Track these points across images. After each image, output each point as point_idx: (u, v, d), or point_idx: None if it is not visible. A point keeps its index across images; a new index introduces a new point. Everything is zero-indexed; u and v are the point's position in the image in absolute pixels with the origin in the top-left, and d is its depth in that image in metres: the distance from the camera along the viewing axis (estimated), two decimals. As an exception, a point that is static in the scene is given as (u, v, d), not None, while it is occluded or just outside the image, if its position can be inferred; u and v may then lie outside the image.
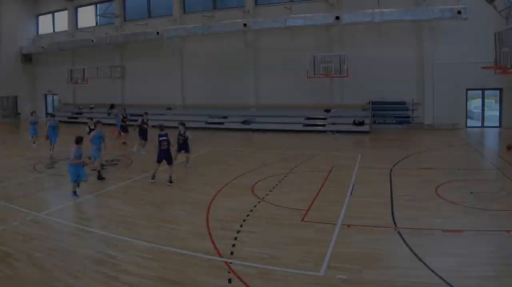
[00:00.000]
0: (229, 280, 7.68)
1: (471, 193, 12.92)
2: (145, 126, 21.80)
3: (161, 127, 15.52)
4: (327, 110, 30.91)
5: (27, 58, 44.72)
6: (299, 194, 13.40)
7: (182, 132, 17.51)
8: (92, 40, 37.61)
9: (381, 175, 15.84)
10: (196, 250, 9.04)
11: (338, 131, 28.57)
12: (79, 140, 13.26)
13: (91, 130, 18.02)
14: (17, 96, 43.94)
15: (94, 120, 19.02)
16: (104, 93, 40.79)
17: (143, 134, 21.74)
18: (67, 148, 13.76)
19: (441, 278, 7.40)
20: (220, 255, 8.79)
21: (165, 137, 15.23)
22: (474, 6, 25.13)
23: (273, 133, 29.53)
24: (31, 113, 24.66)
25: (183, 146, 17.60)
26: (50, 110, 45.12)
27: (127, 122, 25.29)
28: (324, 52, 29.15)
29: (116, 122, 26.35)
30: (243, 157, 20.88)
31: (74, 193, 13.31)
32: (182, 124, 17.78)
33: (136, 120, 23.72)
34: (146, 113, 22.81)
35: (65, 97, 44.24)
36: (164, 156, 15.19)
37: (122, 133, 24.97)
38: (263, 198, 12.95)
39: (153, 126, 20.73)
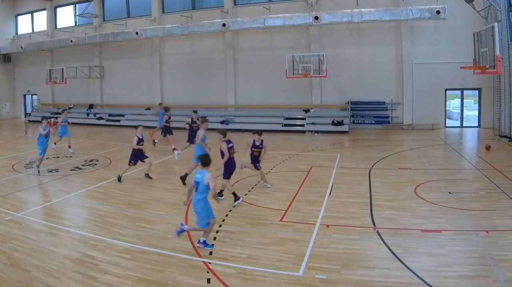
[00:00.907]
0: (208, 280, 7.69)
1: (450, 193, 13.06)
2: (196, 126, 18.53)
3: (224, 132, 12.91)
4: (306, 110, 30.96)
5: (6, 58, 44.09)
6: (278, 194, 13.43)
7: (258, 143, 14.16)
8: (71, 40, 37.10)
9: (360, 175, 15.93)
10: (175, 250, 9.04)
11: (317, 131, 28.63)
12: (207, 162, 9.33)
13: (139, 140, 15.37)
14: (-5, 96, 43.40)
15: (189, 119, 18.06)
16: (83, 93, 40.50)
17: (191, 136, 18.41)
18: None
19: (420, 278, 7.48)
20: (199, 255, 8.80)
21: (231, 143, 12.84)
22: (453, 6, 25.32)
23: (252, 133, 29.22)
24: (62, 111, 22.96)
25: (257, 160, 14.29)
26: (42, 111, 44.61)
27: (170, 124, 23.36)
28: (303, 52, 29.26)
29: (159, 123, 24.87)
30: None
31: (204, 242, 9.20)
32: (260, 133, 14.27)
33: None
34: (195, 111, 20.42)
35: (44, 97, 43.62)
36: (235, 166, 13.06)
37: (167, 135, 23.43)
38: (242, 198, 12.91)
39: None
